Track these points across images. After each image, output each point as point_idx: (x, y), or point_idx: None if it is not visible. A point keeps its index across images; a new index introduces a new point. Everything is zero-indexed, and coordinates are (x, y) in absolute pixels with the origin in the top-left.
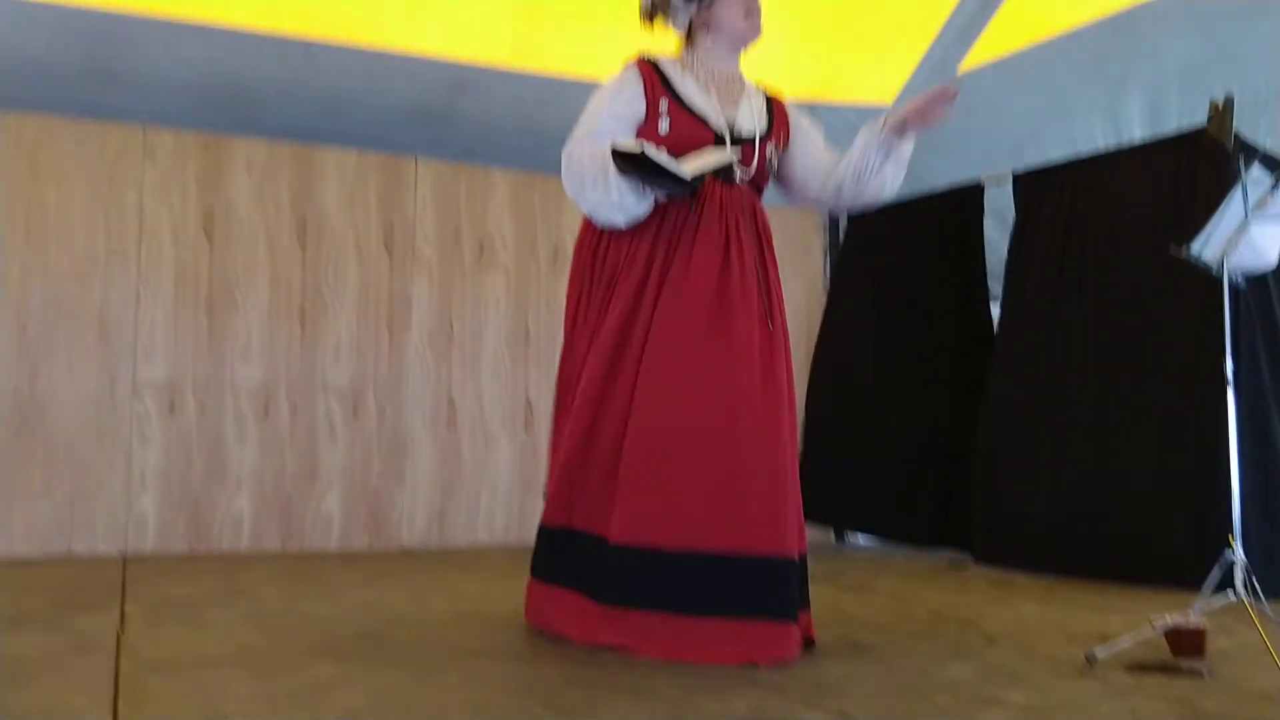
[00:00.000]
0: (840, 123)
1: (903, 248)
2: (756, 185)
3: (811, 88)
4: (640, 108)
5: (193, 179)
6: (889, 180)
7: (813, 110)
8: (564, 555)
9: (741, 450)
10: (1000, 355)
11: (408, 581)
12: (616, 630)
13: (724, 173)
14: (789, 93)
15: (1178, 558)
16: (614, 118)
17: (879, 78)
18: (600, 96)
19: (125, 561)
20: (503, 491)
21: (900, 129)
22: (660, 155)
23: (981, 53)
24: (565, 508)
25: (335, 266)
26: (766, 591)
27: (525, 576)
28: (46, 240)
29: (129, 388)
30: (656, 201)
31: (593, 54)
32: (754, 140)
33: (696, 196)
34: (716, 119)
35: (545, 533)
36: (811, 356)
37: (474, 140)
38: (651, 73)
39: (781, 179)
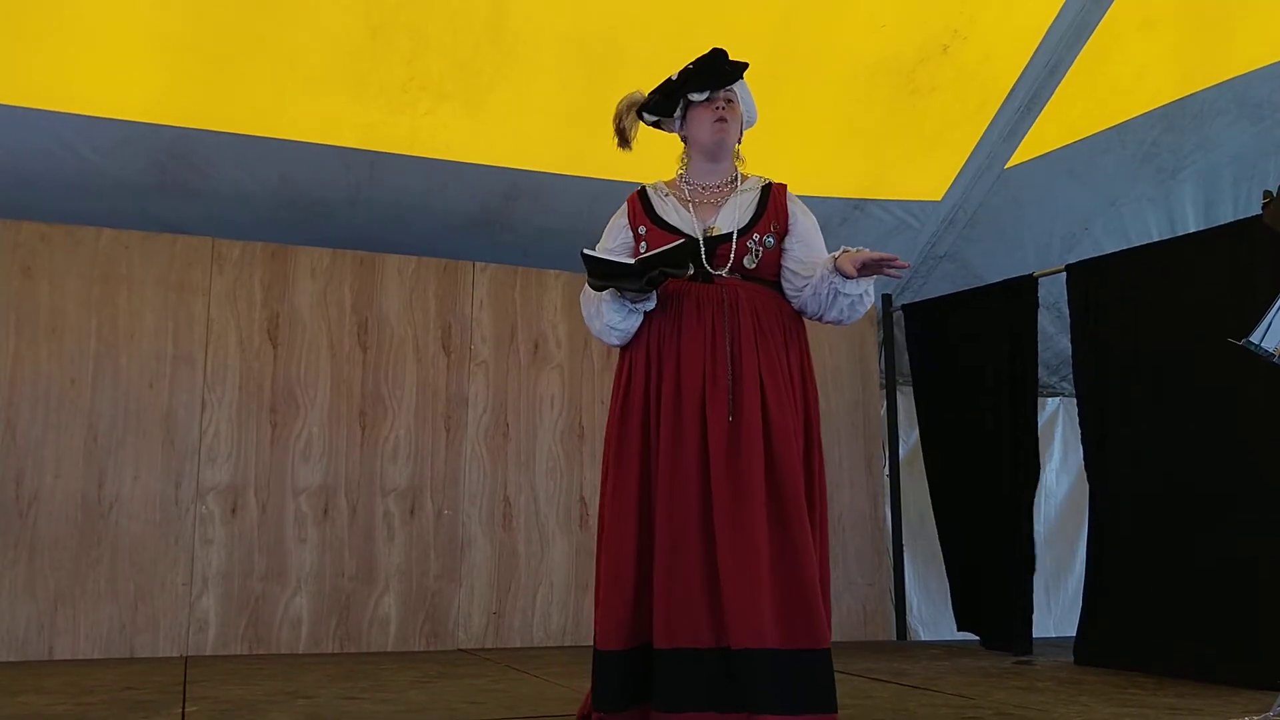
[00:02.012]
0: (891, 219)
1: (958, 342)
2: (755, 275)
3: (861, 186)
4: (628, 237)
5: (258, 286)
6: (845, 311)
7: (863, 208)
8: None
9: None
10: (1087, 449)
11: (464, 683)
12: None
13: (700, 274)
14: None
15: (1255, 654)
16: (610, 254)
17: (928, 175)
18: (603, 236)
19: (186, 662)
20: (559, 591)
21: (847, 270)
22: (598, 252)
23: (1031, 147)
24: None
25: (394, 368)
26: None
27: (585, 679)
28: (116, 347)
29: (193, 490)
30: (643, 311)
31: (641, 158)
32: (731, 236)
33: (656, 286)
34: (690, 228)
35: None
36: (887, 453)
37: (529, 243)
38: (636, 203)
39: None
